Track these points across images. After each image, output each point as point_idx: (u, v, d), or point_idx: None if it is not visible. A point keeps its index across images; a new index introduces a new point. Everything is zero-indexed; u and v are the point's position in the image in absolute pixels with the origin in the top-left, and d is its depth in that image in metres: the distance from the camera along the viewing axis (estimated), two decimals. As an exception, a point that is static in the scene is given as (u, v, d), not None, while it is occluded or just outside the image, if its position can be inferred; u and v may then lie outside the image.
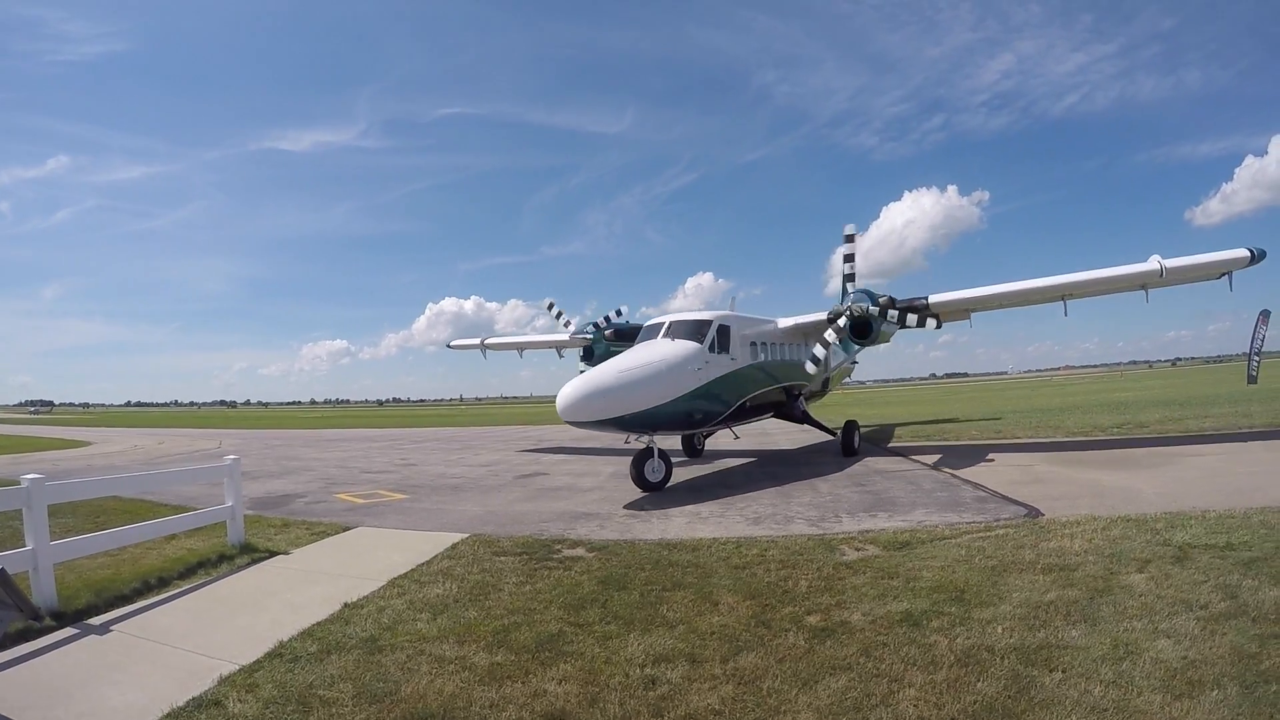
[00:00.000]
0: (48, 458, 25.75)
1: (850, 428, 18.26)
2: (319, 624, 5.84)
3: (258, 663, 5.03)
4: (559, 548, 8.41)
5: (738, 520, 9.91)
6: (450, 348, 28.10)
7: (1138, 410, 26.36)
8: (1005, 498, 10.57)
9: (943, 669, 4.50)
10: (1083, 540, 7.51)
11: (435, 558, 8.06)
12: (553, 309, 21.51)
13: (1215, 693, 3.99)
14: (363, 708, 4.30)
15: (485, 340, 26.13)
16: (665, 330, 14.40)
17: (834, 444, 19.04)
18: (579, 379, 12.29)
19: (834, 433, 18.57)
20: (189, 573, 7.75)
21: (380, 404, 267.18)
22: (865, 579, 6.60)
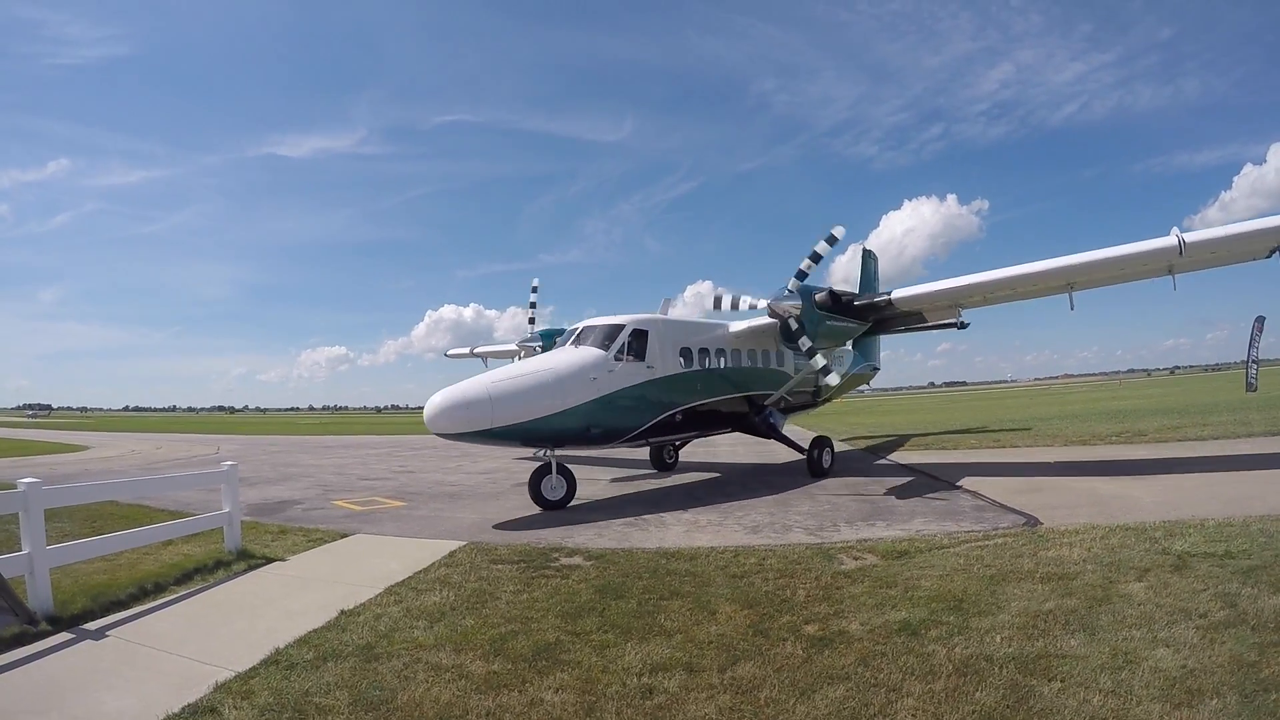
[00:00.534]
0: (45, 461, 25.72)
1: (819, 445, 16.05)
2: (315, 631, 5.81)
3: (253, 670, 5.00)
4: (556, 556, 8.39)
5: (735, 529, 9.89)
6: (448, 357, 28.04)
7: (1136, 418, 26.33)
8: (1004, 506, 10.56)
9: (941, 679, 4.48)
10: (1081, 549, 7.49)
11: (432, 565, 8.04)
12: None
13: (1215, 701, 3.98)
14: (359, 715, 4.28)
15: (475, 349, 26.02)
16: (575, 336, 13.69)
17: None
18: (448, 388, 11.50)
19: (804, 450, 16.17)
20: (185, 579, 7.72)
21: (379, 411, 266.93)
22: (863, 588, 6.58)
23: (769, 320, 14.44)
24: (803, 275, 13.84)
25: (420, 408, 12.07)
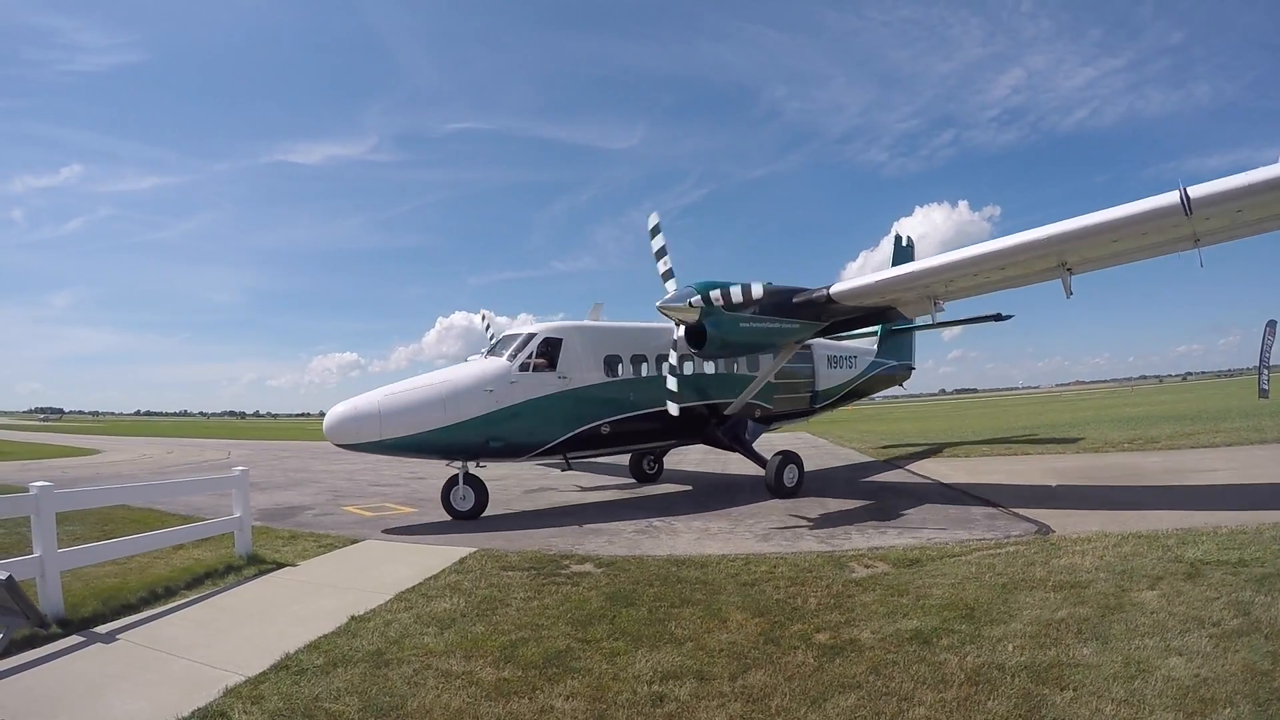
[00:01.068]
0: (57, 465, 25.90)
1: (785, 462, 14.04)
2: (325, 637, 5.82)
3: (263, 674, 5.02)
4: (567, 563, 8.39)
5: (747, 536, 9.87)
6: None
7: (1149, 425, 26.15)
8: (1016, 514, 10.50)
9: (953, 687, 4.45)
10: (1094, 557, 7.44)
11: (443, 572, 8.04)
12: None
13: (1228, 710, 3.96)
14: (369, 722, 4.28)
15: (469, 359, 25.63)
16: (492, 346, 13.40)
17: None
18: (346, 401, 11.69)
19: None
20: (196, 583, 7.75)
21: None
22: (875, 596, 6.55)
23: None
24: (671, 273, 12.80)
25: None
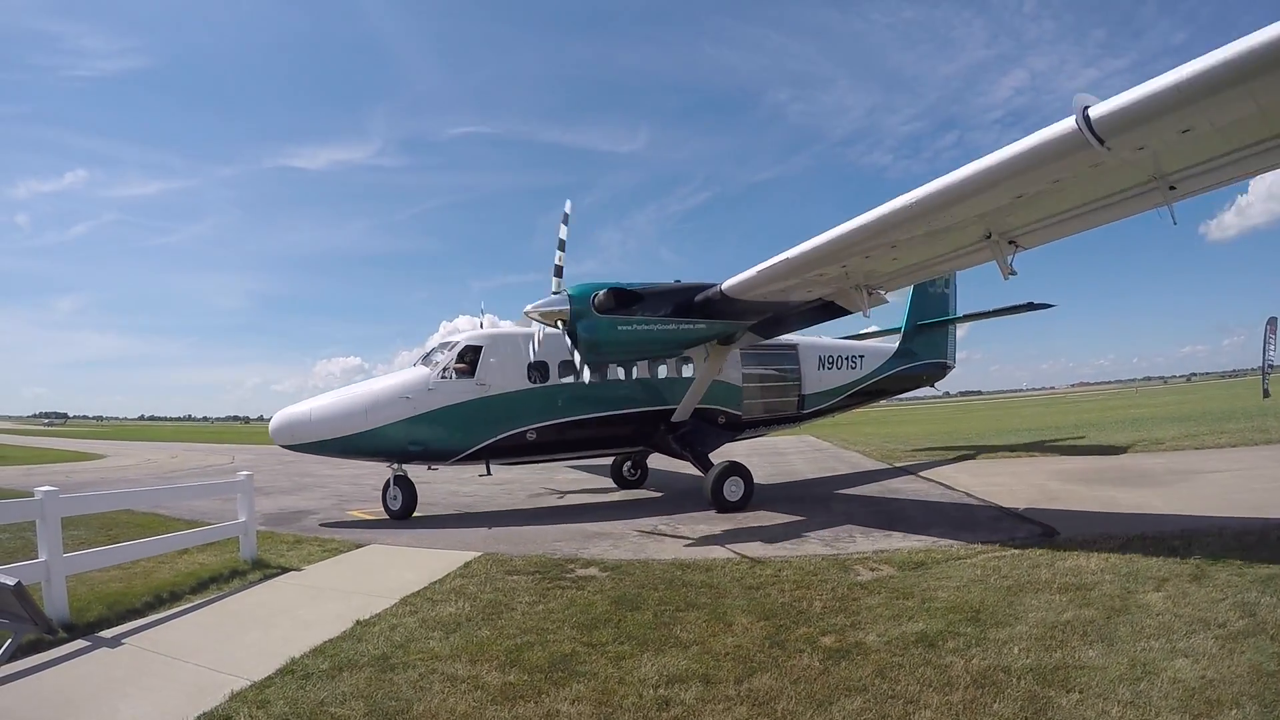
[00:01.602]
0: (61, 470, 25.96)
1: (727, 473, 12.86)
2: (331, 641, 5.83)
3: (269, 679, 5.03)
4: (572, 567, 8.40)
5: (751, 540, 9.87)
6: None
7: (1153, 426, 26.10)
8: (1020, 516, 10.48)
9: (959, 690, 4.45)
10: (1099, 559, 7.44)
11: (448, 576, 8.05)
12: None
13: (1234, 712, 3.96)
14: (375, 726, 4.29)
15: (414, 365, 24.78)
16: (426, 355, 13.66)
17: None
18: (287, 407, 12.88)
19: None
20: (201, 587, 7.77)
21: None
22: (880, 599, 6.55)
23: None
24: (560, 270, 11.96)
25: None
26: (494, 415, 13.08)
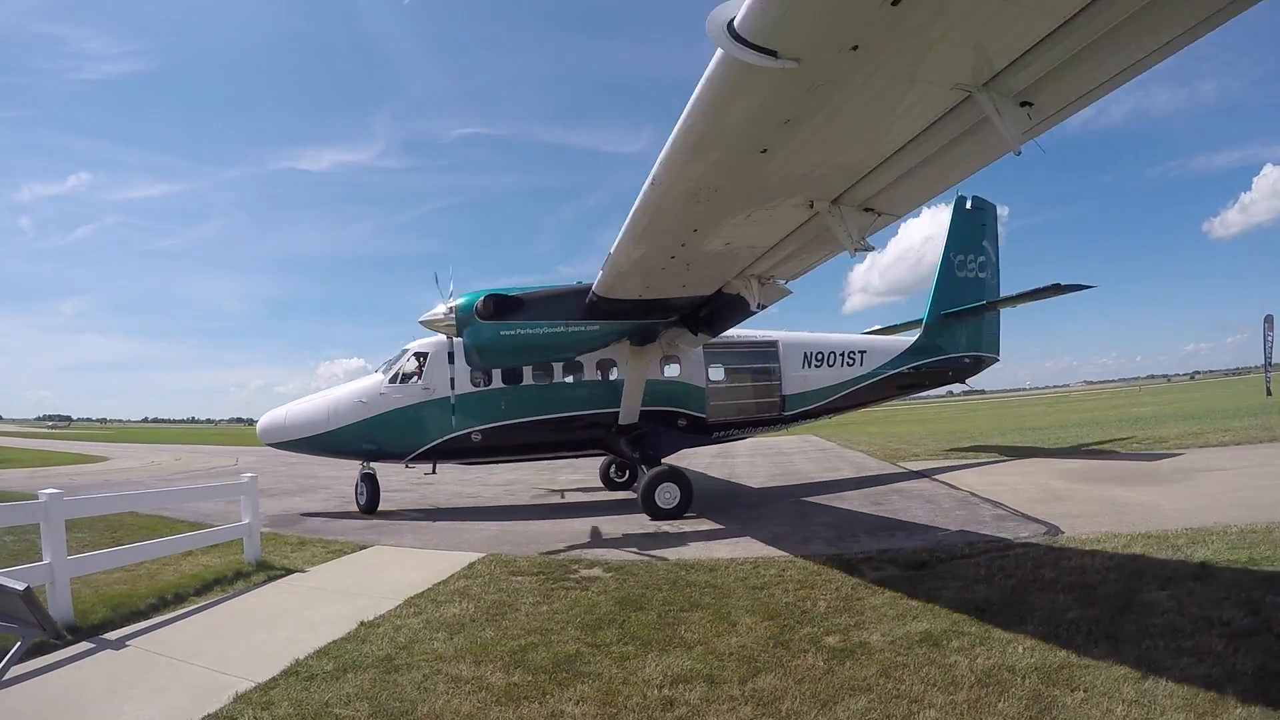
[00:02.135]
0: (65, 472, 25.98)
1: (660, 479, 12.23)
2: (335, 642, 5.84)
3: (273, 680, 5.04)
4: (576, 568, 8.40)
5: (754, 540, 9.87)
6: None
7: (1157, 425, 26.06)
8: (1024, 516, 10.46)
9: (963, 689, 4.45)
10: (1103, 558, 7.43)
11: (452, 577, 8.06)
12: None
13: (1239, 711, 3.95)
14: (380, 727, 4.29)
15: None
16: (388, 362, 14.42)
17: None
18: (275, 409, 14.41)
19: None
20: (205, 589, 7.78)
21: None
22: (884, 599, 6.55)
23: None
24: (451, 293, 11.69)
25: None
26: (437, 417, 13.55)
